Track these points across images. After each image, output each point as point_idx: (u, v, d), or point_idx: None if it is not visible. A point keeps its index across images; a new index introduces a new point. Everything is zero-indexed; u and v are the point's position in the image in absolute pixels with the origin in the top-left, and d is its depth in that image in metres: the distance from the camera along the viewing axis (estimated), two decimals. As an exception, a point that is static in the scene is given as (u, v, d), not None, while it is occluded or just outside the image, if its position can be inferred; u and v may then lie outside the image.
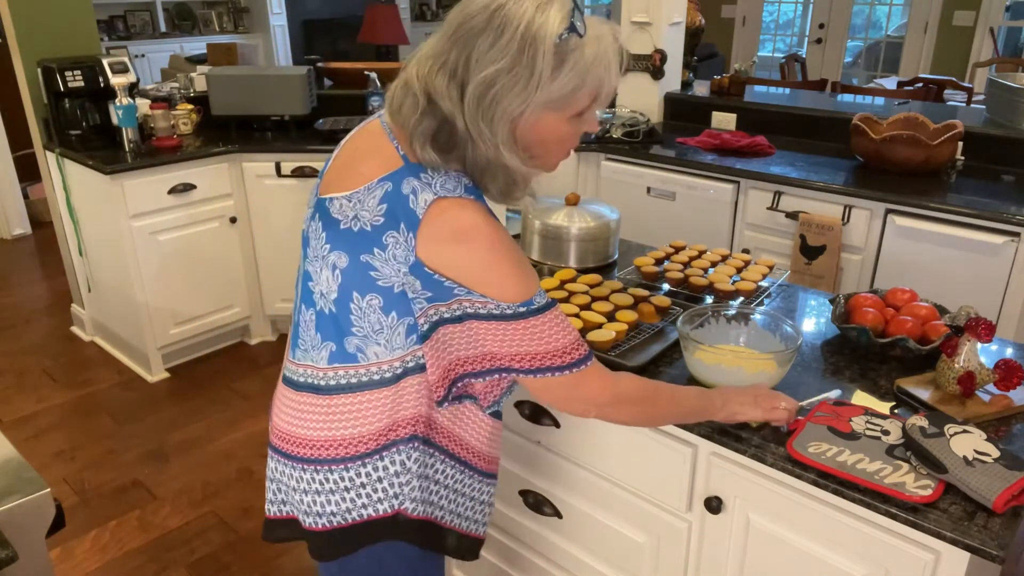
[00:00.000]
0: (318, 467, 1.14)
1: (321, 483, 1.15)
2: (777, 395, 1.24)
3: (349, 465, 1.13)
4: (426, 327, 1.06)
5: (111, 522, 2.39)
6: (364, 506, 1.14)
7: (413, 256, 1.00)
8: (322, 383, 1.13)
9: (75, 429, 2.88)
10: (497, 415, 1.23)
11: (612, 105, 3.57)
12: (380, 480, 1.13)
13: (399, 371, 1.09)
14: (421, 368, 1.09)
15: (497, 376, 1.12)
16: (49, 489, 1.18)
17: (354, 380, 1.11)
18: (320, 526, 1.17)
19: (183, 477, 2.59)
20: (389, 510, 1.14)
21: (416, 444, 1.13)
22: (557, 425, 1.55)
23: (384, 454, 1.12)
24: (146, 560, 2.24)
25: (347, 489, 1.14)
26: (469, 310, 1.03)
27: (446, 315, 1.04)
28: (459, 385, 1.13)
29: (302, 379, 1.16)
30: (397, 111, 1.02)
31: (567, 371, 1.06)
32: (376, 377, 1.10)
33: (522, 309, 1.03)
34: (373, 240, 1.02)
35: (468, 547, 1.26)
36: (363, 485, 1.13)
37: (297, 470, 1.16)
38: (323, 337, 1.11)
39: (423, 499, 1.16)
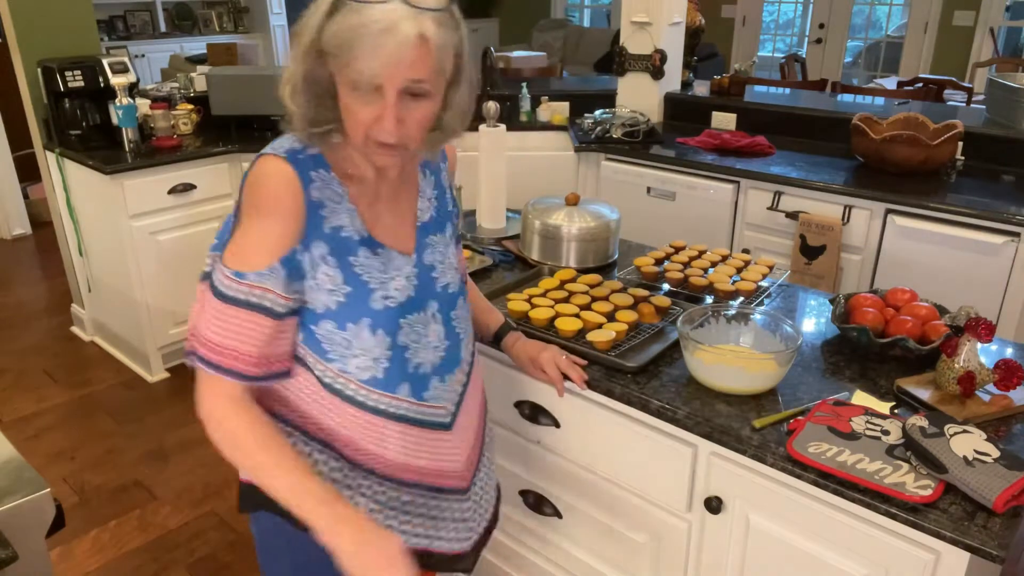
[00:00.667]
0: None
1: None
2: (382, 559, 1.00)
3: None
4: (206, 269, 1.09)
5: (111, 522, 2.39)
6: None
7: (235, 203, 1.07)
8: None
9: (75, 429, 2.88)
10: (351, 400, 1.10)
11: (612, 105, 3.57)
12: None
13: None
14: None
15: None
16: (49, 489, 1.18)
17: None
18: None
19: (183, 477, 2.59)
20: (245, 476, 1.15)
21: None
22: (557, 425, 1.55)
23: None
24: (146, 560, 2.24)
25: None
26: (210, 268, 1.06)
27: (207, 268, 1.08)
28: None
29: None
30: (288, 96, 1.06)
31: (201, 366, 1.03)
32: None
33: (225, 287, 1.00)
34: None
35: None
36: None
37: None
38: None
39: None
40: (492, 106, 2.12)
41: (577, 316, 1.54)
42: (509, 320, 1.50)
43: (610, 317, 1.55)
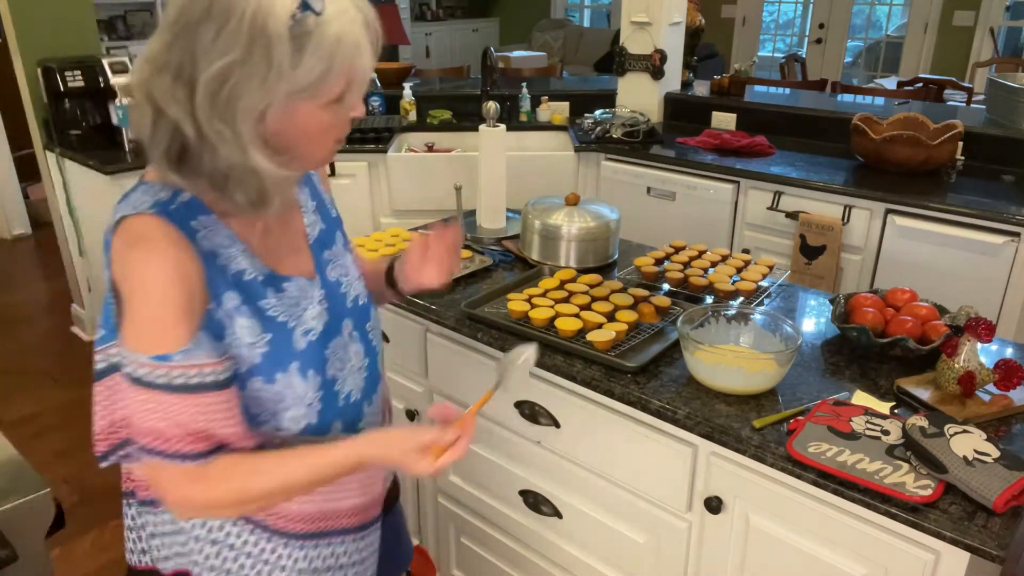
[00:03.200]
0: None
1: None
2: (410, 439, 0.97)
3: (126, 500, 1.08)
4: (101, 365, 0.97)
5: (111, 522, 2.39)
6: (131, 551, 1.08)
7: (110, 280, 0.91)
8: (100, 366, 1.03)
9: (75, 429, 2.88)
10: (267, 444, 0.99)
11: (612, 105, 3.57)
12: (130, 529, 1.07)
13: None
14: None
15: (132, 450, 0.95)
16: (49, 489, 1.18)
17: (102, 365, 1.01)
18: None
19: (183, 477, 2.59)
20: (150, 563, 1.06)
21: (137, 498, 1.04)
22: (557, 425, 1.55)
23: (129, 500, 1.06)
24: (146, 560, 2.24)
25: (128, 528, 1.10)
26: (116, 360, 0.94)
27: (106, 362, 0.97)
28: (121, 454, 1.01)
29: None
30: (136, 130, 0.89)
31: (155, 457, 0.90)
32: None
33: (145, 377, 0.87)
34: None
35: None
36: (129, 528, 1.09)
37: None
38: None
39: (207, 565, 1.03)
40: (492, 106, 2.12)
41: (577, 316, 1.54)
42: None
43: (610, 317, 1.55)
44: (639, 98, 3.51)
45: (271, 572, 1.04)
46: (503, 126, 2.12)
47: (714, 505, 1.33)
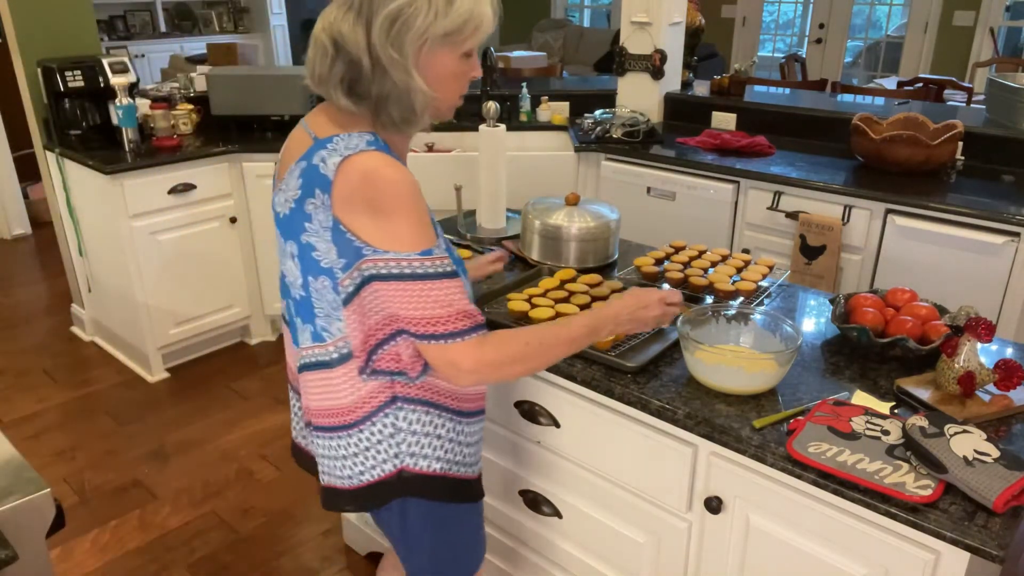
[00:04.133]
0: (329, 435, 1.27)
1: (335, 449, 1.27)
2: (652, 298, 1.32)
3: (350, 432, 1.25)
4: (350, 288, 1.14)
5: (111, 522, 2.39)
6: (372, 468, 1.26)
7: (331, 216, 1.10)
8: (308, 361, 1.26)
9: (75, 429, 2.88)
10: None
11: (612, 105, 3.57)
12: (379, 443, 1.25)
13: None
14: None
15: (403, 340, 1.18)
16: (49, 489, 1.18)
17: (325, 358, 1.23)
18: (347, 485, 1.29)
19: (183, 477, 2.60)
20: (392, 469, 1.26)
21: (400, 404, 1.23)
22: (557, 425, 1.55)
23: (374, 419, 1.23)
24: (146, 560, 2.24)
25: (355, 455, 1.26)
26: (374, 271, 1.11)
27: (358, 280, 1.13)
28: (379, 356, 1.20)
29: (303, 361, 1.28)
30: (311, 73, 1.14)
31: (442, 340, 1.12)
32: (344, 351, 1.20)
33: (419, 270, 1.10)
34: (300, 214, 1.13)
35: (467, 491, 1.34)
36: (367, 450, 1.25)
37: (318, 438, 1.30)
38: (303, 320, 1.24)
39: (422, 454, 1.26)
40: (492, 106, 2.12)
41: (566, 317, 1.53)
42: None
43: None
44: (639, 98, 3.51)
45: (458, 448, 1.30)
46: (503, 126, 2.12)
47: (714, 505, 1.33)
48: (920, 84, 4.36)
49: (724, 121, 3.39)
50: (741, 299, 1.68)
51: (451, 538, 1.36)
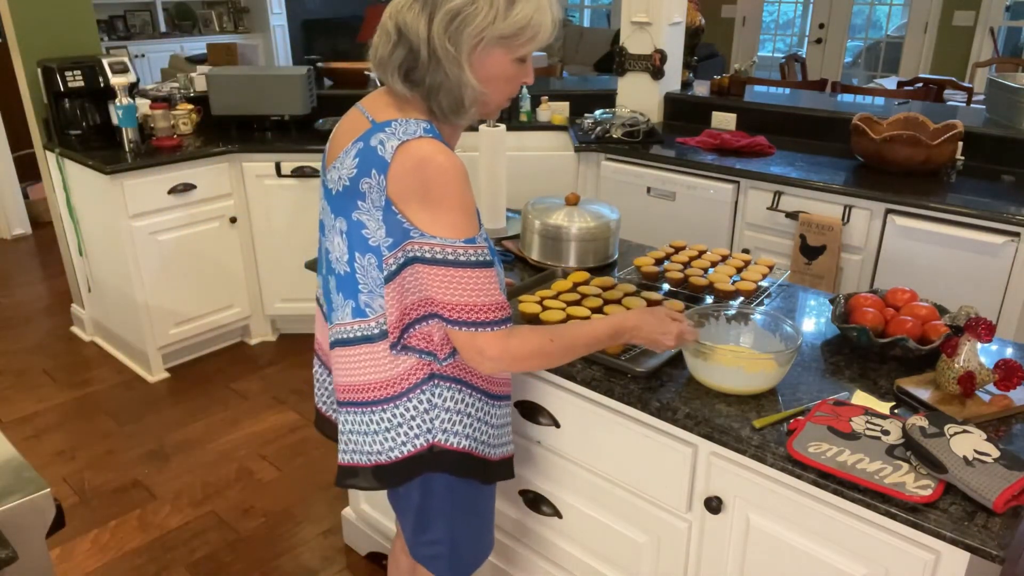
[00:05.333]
0: (361, 409, 1.31)
1: (367, 424, 1.31)
2: (672, 329, 1.33)
3: (385, 407, 1.28)
4: (393, 267, 1.19)
5: (111, 522, 2.39)
6: (403, 443, 1.29)
7: (384, 197, 1.14)
8: (348, 336, 1.29)
9: (75, 429, 2.88)
10: None
11: (612, 105, 3.57)
12: (413, 419, 1.28)
13: None
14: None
15: (435, 322, 1.23)
16: (49, 489, 1.18)
17: (367, 333, 1.26)
18: (371, 462, 1.32)
19: (183, 477, 2.59)
20: (424, 444, 1.29)
21: (436, 381, 1.27)
22: (557, 425, 1.55)
23: (411, 395, 1.27)
24: (146, 560, 2.24)
25: (387, 430, 1.29)
26: (418, 253, 1.16)
27: (402, 260, 1.18)
28: (411, 334, 1.24)
29: (337, 336, 1.31)
30: (374, 56, 1.19)
31: (472, 328, 1.17)
32: (386, 326, 1.24)
33: (462, 257, 1.14)
34: (354, 192, 1.17)
35: (495, 470, 1.38)
36: (399, 425, 1.29)
37: (348, 414, 1.33)
38: (344, 296, 1.27)
39: (452, 431, 1.30)
40: (492, 106, 2.12)
41: (588, 319, 1.53)
42: None
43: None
44: (639, 98, 3.51)
45: (485, 428, 1.34)
46: (503, 126, 2.12)
47: (714, 505, 1.33)
48: (920, 84, 4.36)
49: (724, 121, 3.39)
50: (741, 299, 1.68)
51: (469, 516, 1.41)
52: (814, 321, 1.66)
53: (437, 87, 1.16)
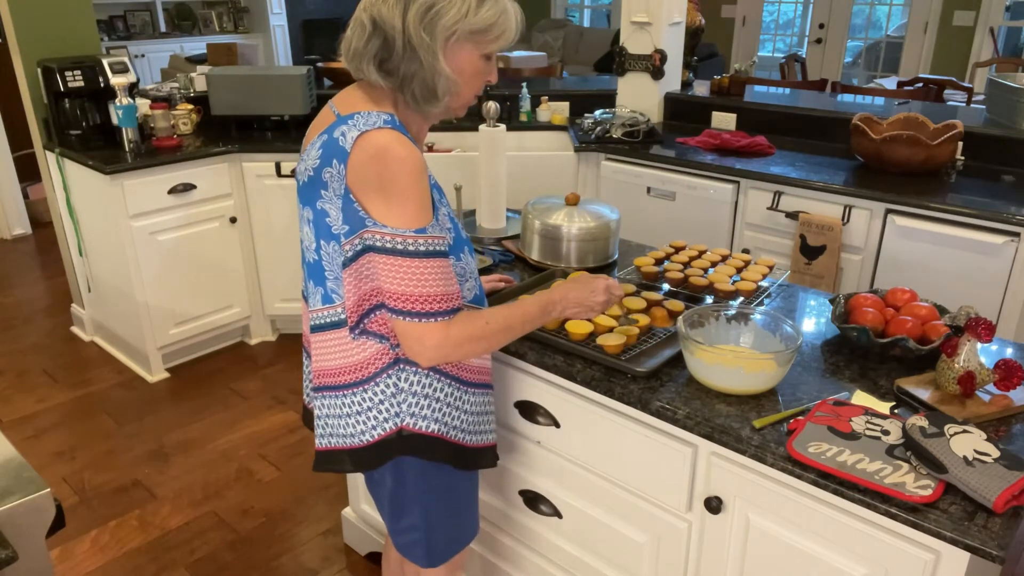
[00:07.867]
0: (334, 393, 1.34)
1: (339, 408, 1.34)
2: (599, 285, 1.40)
3: (355, 391, 1.32)
4: (350, 254, 1.22)
5: (111, 522, 2.39)
6: (373, 427, 1.32)
7: (344, 185, 1.18)
8: (321, 322, 1.33)
9: (75, 429, 2.88)
10: None
11: (612, 105, 3.57)
12: (381, 403, 1.31)
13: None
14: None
15: (384, 312, 1.26)
16: (49, 489, 1.18)
17: (335, 319, 1.30)
18: (346, 445, 1.35)
19: (183, 477, 2.59)
20: (392, 428, 1.32)
21: (402, 366, 1.30)
22: (557, 425, 1.55)
23: (378, 379, 1.30)
24: (146, 560, 2.24)
25: (358, 413, 1.33)
26: (371, 242, 1.19)
27: (359, 247, 1.21)
28: (371, 320, 1.28)
29: (312, 323, 1.35)
30: (347, 48, 1.23)
31: (413, 318, 1.19)
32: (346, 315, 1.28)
33: (411, 247, 1.17)
34: (318, 182, 1.21)
35: (472, 457, 1.40)
36: (369, 409, 1.32)
37: (322, 399, 1.37)
38: (315, 283, 1.31)
39: (421, 415, 1.32)
40: (492, 106, 2.12)
41: (589, 320, 1.53)
42: None
43: (624, 322, 1.54)
44: (639, 98, 3.51)
45: (456, 413, 1.36)
46: (503, 126, 2.12)
47: (714, 505, 1.33)
48: (920, 84, 4.36)
49: (724, 121, 3.39)
50: (741, 299, 1.68)
51: (443, 500, 1.42)
52: (814, 321, 1.66)
53: (411, 76, 1.20)
